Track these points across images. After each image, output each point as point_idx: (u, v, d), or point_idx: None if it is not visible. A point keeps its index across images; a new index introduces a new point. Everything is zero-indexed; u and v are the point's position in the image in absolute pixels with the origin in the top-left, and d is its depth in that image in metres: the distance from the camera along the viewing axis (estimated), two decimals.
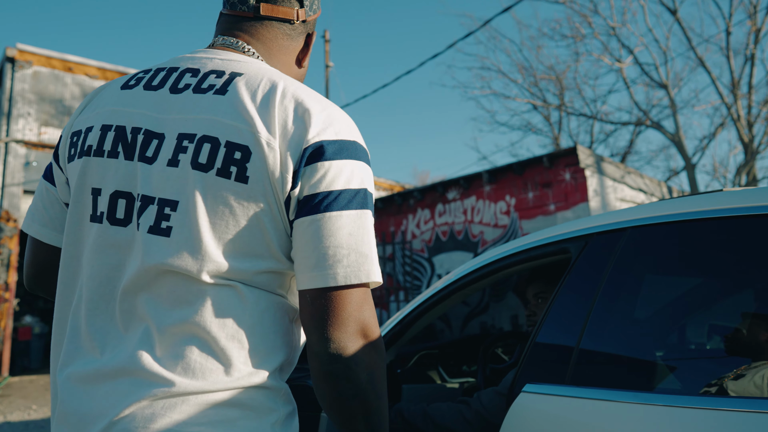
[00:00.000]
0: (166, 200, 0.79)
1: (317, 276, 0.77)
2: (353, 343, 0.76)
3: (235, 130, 0.79)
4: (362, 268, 0.78)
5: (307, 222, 0.78)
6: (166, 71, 0.88)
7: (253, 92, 0.82)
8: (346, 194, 0.79)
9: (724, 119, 13.87)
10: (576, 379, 1.29)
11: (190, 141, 0.80)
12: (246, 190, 0.78)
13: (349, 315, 0.76)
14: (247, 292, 0.80)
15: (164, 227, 0.79)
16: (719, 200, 1.21)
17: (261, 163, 0.78)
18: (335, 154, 0.79)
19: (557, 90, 16.15)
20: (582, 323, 1.35)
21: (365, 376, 0.77)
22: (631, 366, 1.28)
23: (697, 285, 1.39)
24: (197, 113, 0.82)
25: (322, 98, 0.86)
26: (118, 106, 0.86)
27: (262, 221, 0.79)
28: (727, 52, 12.26)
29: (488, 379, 2.03)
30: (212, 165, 0.78)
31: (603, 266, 1.37)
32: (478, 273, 1.78)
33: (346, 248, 0.77)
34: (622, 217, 1.40)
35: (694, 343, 1.48)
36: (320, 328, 0.76)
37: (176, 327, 0.77)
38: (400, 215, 10.17)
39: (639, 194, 9.32)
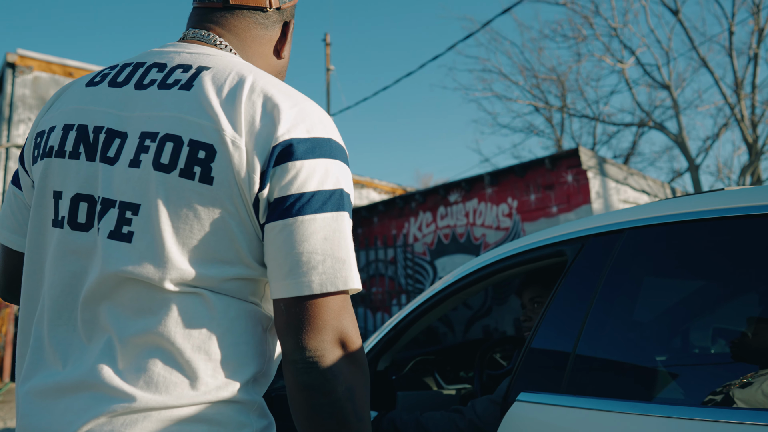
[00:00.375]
0: (127, 204, 0.75)
1: (291, 284, 0.72)
2: (331, 353, 0.71)
3: (199, 128, 0.74)
4: (339, 274, 0.72)
5: (279, 227, 0.72)
6: (132, 67, 0.84)
7: (220, 87, 0.77)
8: (319, 196, 0.73)
9: (727, 120, 13.79)
10: (572, 388, 1.24)
11: (152, 140, 0.75)
12: (211, 191, 0.73)
13: (326, 323, 0.71)
14: (215, 300, 0.75)
15: (125, 232, 0.74)
16: (721, 200, 1.16)
17: (226, 163, 0.72)
18: (307, 153, 0.74)
19: (559, 91, 16.11)
20: (578, 328, 1.30)
21: (343, 390, 0.72)
22: (630, 373, 1.23)
23: (699, 287, 1.33)
24: (160, 110, 0.77)
25: (296, 93, 0.80)
26: (81, 105, 0.82)
27: (230, 225, 0.74)
28: (730, 51, 12.19)
29: (485, 385, 1.98)
30: (175, 165, 0.73)
31: (600, 269, 1.32)
32: (471, 277, 1.73)
33: (321, 254, 0.72)
34: (619, 218, 1.35)
35: (697, 348, 1.42)
36: (295, 336, 0.71)
37: (139, 338, 0.72)
38: (401, 218, 10.13)
39: (642, 196, 9.26)
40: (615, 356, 1.28)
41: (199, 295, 0.74)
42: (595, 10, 14.07)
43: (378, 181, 13.25)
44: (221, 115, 0.74)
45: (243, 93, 0.75)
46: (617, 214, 1.38)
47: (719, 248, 1.19)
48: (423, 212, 9.78)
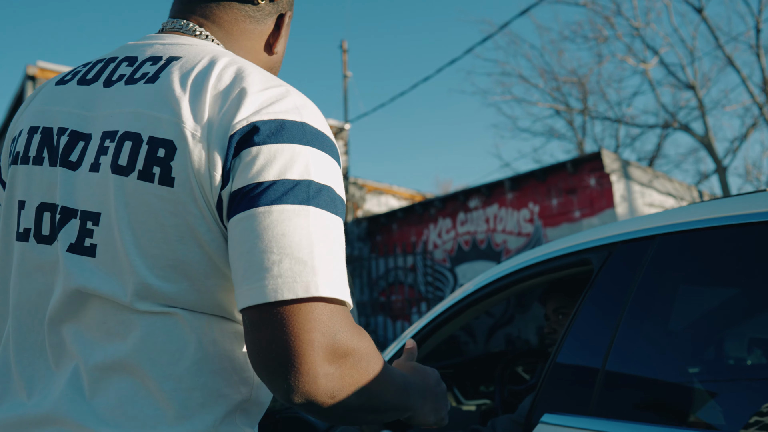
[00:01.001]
0: (88, 213, 0.67)
1: (245, 291, 0.60)
2: (321, 384, 0.59)
3: (159, 123, 0.65)
4: (299, 278, 0.59)
5: (235, 222, 0.62)
6: (104, 63, 0.76)
7: (186, 75, 0.68)
8: (279, 185, 0.61)
9: (756, 119, 13.40)
10: (602, 409, 1.13)
11: (111, 140, 0.67)
12: (173, 194, 0.64)
13: (302, 343, 0.58)
14: (192, 321, 0.66)
15: (88, 245, 0.67)
16: (764, 201, 1.05)
17: (187, 161, 0.63)
18: (269, 137, 0.63)
19: (580, 94, 15.86)
20: (608, 343, 1.19)
21: (351, 399, 0.62)
22: (665, 394, 1.12)
23: (741, 297, 1.22)
24: (123, 107, 0.69)
25: (274, 79, 0.70)
26: (47, 105, 0.75)
27: (197, 232, 0.65)
28: (757, 50, 11.85)
29: (507, 402, 1.87)
30: (133, 167, 0.65)
31: (630, 278, 1.22)
32: (491, 287, 1.63)
33: (277, 253, 0.59)
34: (650, 224, 1.24)
35: (740, 365, 1.30)
36: (268, 369, 0.59)
37: (108, 365, 0.65)
38: (421, 225, 10.04)
39: (668, 199, 9.03)
40: (649, 374, 1.18)
41: (173, 316, 0.65)
42: (617, 10, 13.81)
43: (397, 188, 13.19)
44: (184, 107, 0.65)
45: (210, 79, 0.66)
46: (647, 219, 1.28)
47: (764, 254, 1.08)
48: (442, 219, 9.68)
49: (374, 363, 0.65)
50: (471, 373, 2.26)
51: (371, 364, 0.65)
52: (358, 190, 12.04)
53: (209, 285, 0.66)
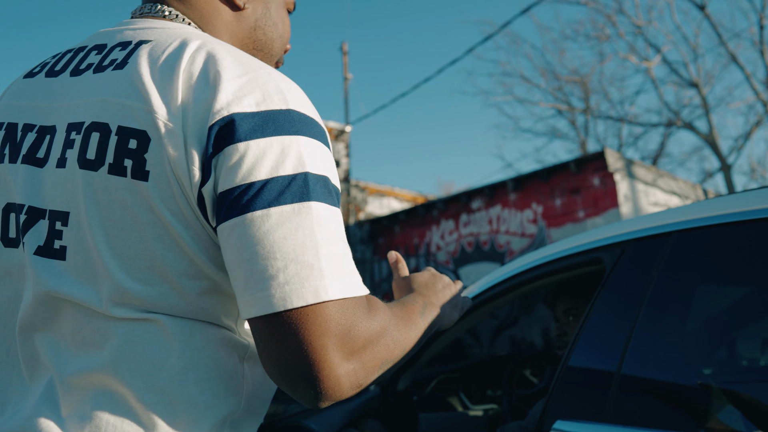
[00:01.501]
0: (56, 212, 0.62)
1: (250, 301, 0.56)
2: (345, 382, 0.57)
3: (129, 111, 0.60)
4: (307, 284, 0.55)
5: (228, 228, 0.57)
6: (73, 52, 0.71)
7: (156, 59, 0.62)
8: (274, 184, 0.57)
9: (760, 117, 13.32)
10: (617, 415, 1.08)
11: (77, 132, 0.62)
12: (148, 189, 0.59)
13: (318, 350, 0.55)
14: (174, 327, 0.61)
15: (58, 248, 0.62)
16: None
17: (162, 152, 0.58)
18: (254, 131, 0.57)
19: (582, 93, 15.80)
20: (622, 345, 1.14)
21: (378, 374, 0.62)
22: (684, 399, 1.06)
23: (764, 295, 1.16)
24: (89, 96, 0.64)
25: (253, 61, 0.64)
26: (13, 100, 0.71)
27: (175, 230, 0.59)
28: (761, 46, 11.78)
29: (515, 406, 1.81)
30: (102, 160, 0.60)
31: (645, 277, 1.16)
32: (498, 289, 1.58)
33: (281, 259, 0.55)
34: (665, 220, 1.18)
35: (763, 367, 1.24)
36: (287, 379, 0.56)
37: (83, 377, 0.60)
38: (423, 227, 9.99)
39: (672, 198, 8.97)
40: (667, 378, 1.12)
41: (153, 322, 0.60)
42: (618, 8, 13.79)
43: (399, 190, 13.14)
44: (153, 94, 0.60)
45: (181, 63, 0.61)
46: (662, 215, 1.22)
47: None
48: (445, 220, 9.63)
49: (392, 332, 0.64)
50: (477, 377, 2.20)
51: (388, 334, 0.63)
52: (360, 193, 11.99)
53: (191, 288, 0.61)
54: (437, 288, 0.85)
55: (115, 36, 0.70)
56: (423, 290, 0.82)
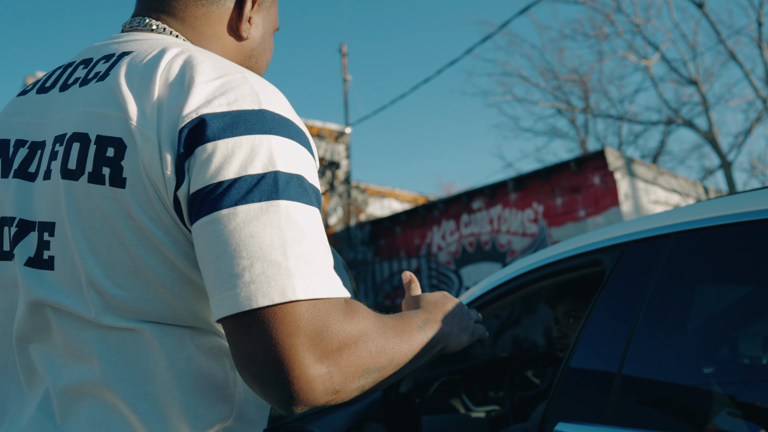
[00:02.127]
0: (44, 224, 0.63)
1: (217, 301, 0.55)
2: (318, 386, 0.54)
3: (106, 120, 0.61)
4: (273, 282, 0.54)
5: (198, 228, 0.57)
6: (62, 68, 0.73)
7: (134, 68, 0.63)
8: (242, 182, 0.56)
9: (760, 114, 13.31)
10: (619, 417, 1.08)
11: (60, 143, 0.64)
12: (125, 196, 0.59)
13: (286, 351, 0.53)
14: (161, 337, 0.61)
15: (46, 258, 0.62)
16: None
17: (137, 159, 0.59)
18: (224, 131, 0.57)
19: (582, 92, 15.80)
20: (623, 347, 1.14)
21: (358, 382, 0.58)
22: (686, 400, 1.06)
23: (763, 296, 1.16)
24: (73, 108, 0.65)
25: (230, 66, 0.64)
26: (7, 117, 0.73)
27: (154, 235, 0.60)
28: (759, 43, 11.77)
29: (517, 408, 1.81)
30: (82, 170, 0.61)
31: (645, 279, 1.17)
32: (498, 291, 1.58)
33: (246, 257, 0.54)
34: (664, 221, 1.19)
35: (764, 368, 1.24)
36: (258, 382, 0.55)
37: (77, 388, 0.61)
38: (424, 227, 9.99)
39: (673, 195, 8.96)
40: (668, 379, 1.12)
41: (141, 333, 0.61)
42: (617, 7, 13.80)
43: (399, 191, 13.14)
44: (130, 102, 0.60)
45: (159, 69, 0.61)
46: (660, 217, 1.22)
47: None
48: (446, 221, 9.63)
49: (375, 336, 0.60)
50: (479, 379, 2.20)
51: (371, 340, 0.60)
52: (360, 194, 12.00)
53: (176, 293, 0.61)
54: (446, 307, 0.81)
55: (101, 50, 0.71)
56: (429, 308, 0.79)
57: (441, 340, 0.75)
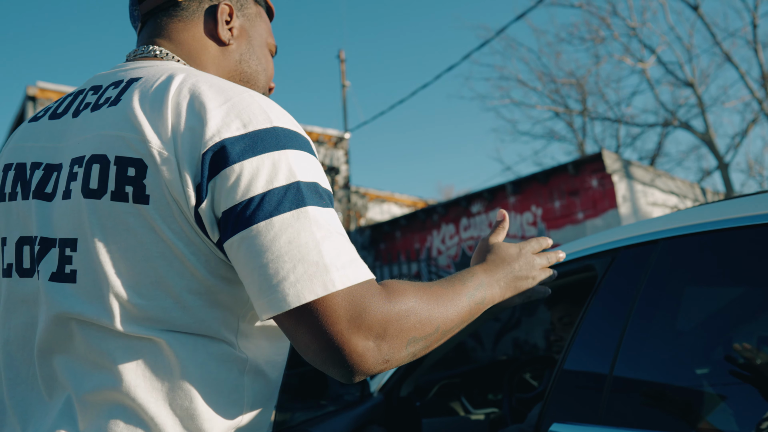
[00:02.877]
0: (65, 240, 0.68)
1: (266, 303, 0.62)
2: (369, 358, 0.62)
3: (124, 142, 0.66)
4: (316, 279, 0.61)
5: (237, 243, 0.62)
6: (73, 95, 0.79)
7: (145, 93, 0.69)
8: (271, 196, 0.62)
9: (756, 115, 13.37)
10: (610, 417, 1.12)
11: (79, 165, 0.68)
12: (149, 212, 0.64)
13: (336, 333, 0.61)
14: (177, 346, 0.66)
15: (68, 272, 0.67)
16: (766, 203, 1.04)
17: (159, 178, 0.64)
18: (245, 152, 0.63)
19: (579, 95, 15.87)
20: (614, 350, 1.18)
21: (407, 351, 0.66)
22: (674, 400, 1.10)
23: (748, 299, 1.20)
24: (88, 132, 0.70)
25: (234, 87, 0.70)
26: (21, 142, 0.78)
27: (176, 247, 0.65)
28: (754, 45, 11.84)
29: (515, 410, 1.86)
30: (105, 189, 0.65)
31: (634, 283, 1.21)
32: None
33: (289, 261, 0.61)
34: (652, 228, 1.23)
35: (749, 368, 1.29)
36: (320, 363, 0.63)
37: (98, 394, 0.65)
38: (424, 231, 10.03)
39: (671, 197, 9.00)
40: (657, 380, 1.16)
41: (157, 342, 0.66)
42: (612, 10, 13.86)
43: (399, 195, 13.19)
44: (146, 125, 0.65)
45: (168, 96, 0.67)
46: (649, 223, 1.27)
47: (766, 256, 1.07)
48: (446, 224, 9.66)
49: (417, 309, 0.67)
50: (479, 382, 2.24)
51: (412, 313, 0.66)
52: (360, 199, 12.03)
53: (193, 301, 0.67)
54: (510, 268, 0.85)
55: (109, 77, 0.76)
56: (491, 267, 0.83)
57: (491, 303, 0.81)
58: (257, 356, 0.73)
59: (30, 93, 8.86)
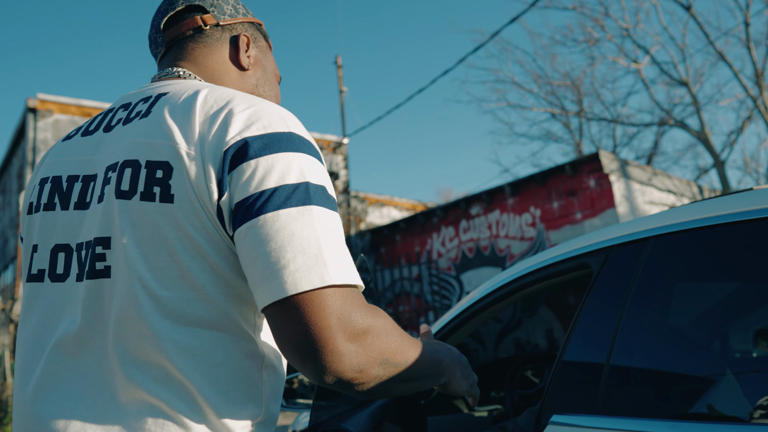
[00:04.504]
0: (100, 239, 0.73)
1: (265, 290, 0.66)
2: (346, 360, 0.65)
3: (154, 148, 0.72)
4: (314, 271, 0.65)
5: (244, 231, 0.67)
6: (104, 114, 0.86)
7: (174, 105, 0.76)
8: (281, 191, 0.68)
9: (750, 112, 13.46)
10: (608, 407, 1.18)
11: (113, 170, 0.75)
12: (174, 210, 0.70)
13: (322, 329, 0.64)
14: (197, 338, 0.70)
15: (102, 268, 0.73)
16: (751, 200, 1.10)
17: (184, 178, 0.70)
18: (263, 149, 0.69)
19: (575, 96, 15.96)
20: (608, 347, 1.24)
21: (378, 369, 0.68)
22: (669, 389, 1.16)
23: (736, 293, 1.26)
24: (121, 142, 0.77)
25: (255, 99, 0.77)
26: (56, 158, 0.84)
27: (198, 243, 0.70)
28: (747, 43, 11.93)
29: (517, 406, 1.91)
30: (135, 190, 0.72)
31: (628, 280, 1.27)
32: (495, 295, 1.68)
33: (290, 251, 0.65)
34: (643, 226, 1.29)
35: (739, 353, 1.35)
36: (300, 356, 0.65)
37: (128, 390, 0.70)
38: (424, 235, 10.07)
39: (668, 196, 9.06)
40: (650, 373, 1.22)
41: (183, 334, 0.70)
42: (605, 12, 13.95)
43: (398, 199, 13.24)
44: (175, 131, 0.72)
45: (196, 105, 0.74)
46: (641, 222, 1.33)
47: (755, 251, 1.13)
48: (445, 227, 9.71)
49: (394, 335, 0.70)
50: (481, 380, 2.29)
51: (391, 336, 0.70)
52: (360, 204, 12.09)
53: (214, 294, 0.71)
54: (454, 353, 0.89)
55: (138, 95, 0.84)
56: (441, 345, 0.87)
57: (446, 373, 0.83)
58: (270, 351, 0.78)
59: (30, 105, 8.92)
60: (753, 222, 1.06)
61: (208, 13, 0.92)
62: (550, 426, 1.22)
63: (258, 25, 1.00)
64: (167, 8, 0.93)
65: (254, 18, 0.99)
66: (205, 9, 0.92)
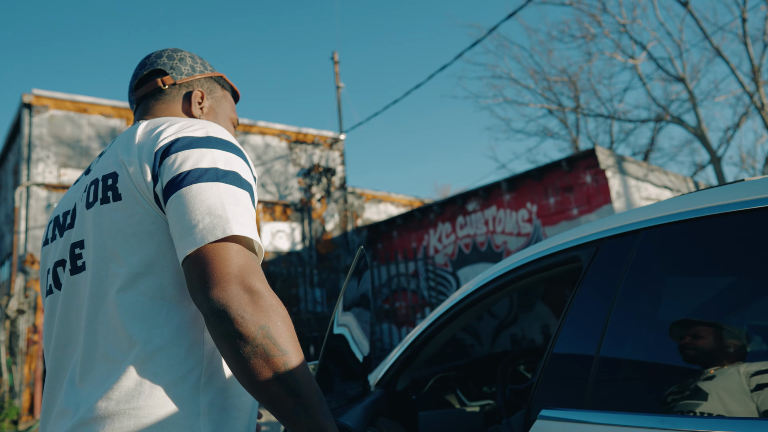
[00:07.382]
0: (76, 243, 0.95)
1: (182, 246, 0.82)
2: (234, 300, 0.78)
3: (107, 165, 0.95)
4: (218, 226, 0.82)
5: (169, 204, 0.86)
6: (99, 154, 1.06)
7: (122, 135, 0.99)
8: (195, 172, 0.86)
9: (747, 108, 13.48)
10: (597, 401, 1.17)
11: (84, 191, 0.98)
12: (124, 204, 0.90)
13: (222, 272, 0.79)
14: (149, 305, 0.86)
15: (80, 265, 0.93)
16: (742, 191, 1.09)
17: (126, 179, 0.90)
18: (184, 147, 0.89)
19: (572, 92, 15.95)
20: (598, 339, 1.23)
21: (257, 330, 0.78)
22: (657, 384, 1.15)
23: (726, 285, 1.25)
24: (93, 175, 0.98)
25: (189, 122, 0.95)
26: (59, 202, 1.08)
27: (144, 225, 0.89)
28: (744, 39, 11.92)
29: (508, 401, 1.90)
30: (96, 198, 0.93)
31: (617, 272, 1.26)
32: (486, 288, 1.67)
33: (200, 213, 0.83)
34: (634, 218, 1.28)
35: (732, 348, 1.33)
36: (200, 291, 0.79)
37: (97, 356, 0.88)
38: (420, 231, 10.07)
39: (664, 192, 9.07)
40: (639, 366, 1.21)
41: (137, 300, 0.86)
42: (602, 7, 13.91)
43: (395, 195, 13.22)
44: (120, 150, 0.94)
45: (138, 129, 0.96)
46: (631, 214, 1.32)
47: (745, 243, 1.11)
48: (442, 223, 9.71)
49: (284, 321, 0.81)
50: (473, 375, 2.29)
51: (279, 317, 0.80)
52: (357, 200, 12.07)
53: (161, 268, 0.89)
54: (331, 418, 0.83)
55: None
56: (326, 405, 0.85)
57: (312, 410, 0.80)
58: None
59: (26, 100, 8.87)
60: (744, 213, 1.05)
61: (168, 75, 1.13)
62: (539, 421, 1.21)
63: (218, 77, 1.19)
64: (137, 73, 1.15)
65: (213, 72, 1.19)
66: (165, 71, 1.13)
